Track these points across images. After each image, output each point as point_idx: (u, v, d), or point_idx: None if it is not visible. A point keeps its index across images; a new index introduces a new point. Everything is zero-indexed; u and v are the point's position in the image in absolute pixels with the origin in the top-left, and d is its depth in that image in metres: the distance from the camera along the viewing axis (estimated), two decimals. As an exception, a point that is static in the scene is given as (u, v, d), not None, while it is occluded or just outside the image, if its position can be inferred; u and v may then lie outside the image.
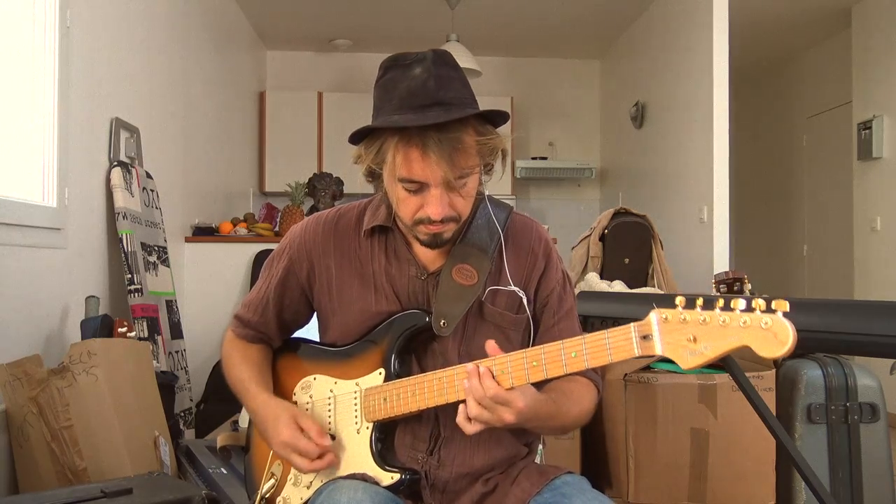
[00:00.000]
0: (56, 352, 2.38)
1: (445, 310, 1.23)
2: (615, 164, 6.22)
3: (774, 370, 2.08)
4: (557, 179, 6.46)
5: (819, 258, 5.80)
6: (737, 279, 2.08)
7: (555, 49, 6.27)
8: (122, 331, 2.34)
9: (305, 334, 1.44)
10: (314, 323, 1.41)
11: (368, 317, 1.28)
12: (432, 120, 1.12)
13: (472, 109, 1.17)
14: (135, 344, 2.36)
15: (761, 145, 6.66)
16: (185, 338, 3.42)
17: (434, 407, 1.19)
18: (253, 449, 1.42)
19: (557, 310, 1.31)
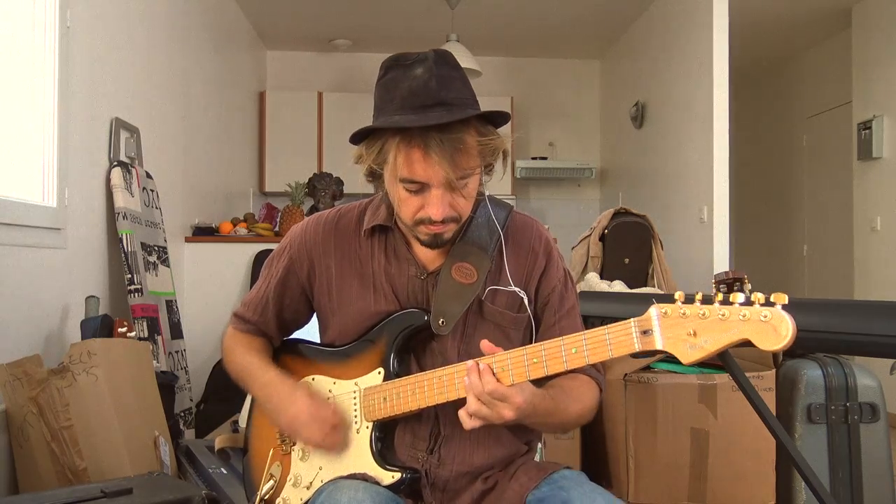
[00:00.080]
0: (56, 352, 2.38)
1: (444, 309, 1.23)
2: (615, 164, 6.21)
3: (774, 370, 2.08)
4: (557, 179, 6.46)
5: (819, 258, 5.80)
6: (737, 279, 2.08)
7: (555, 49, 6.27)
8: (122, 331, 2.34)
9: (305, 334, 1.44)
10: (314, 323, 1.41)
11: (367, 316, 1.28)
12: (434, 121, 1.12)
13: (473, 110, 1.17)
14: (135, 344, 2.36)
15: (761, 145, 6.65)
16: (185, 338, 3.42)
17: (434, 406, 1.19)
18: (252, 450, 1.41)
19: (558, 308, 1.30)
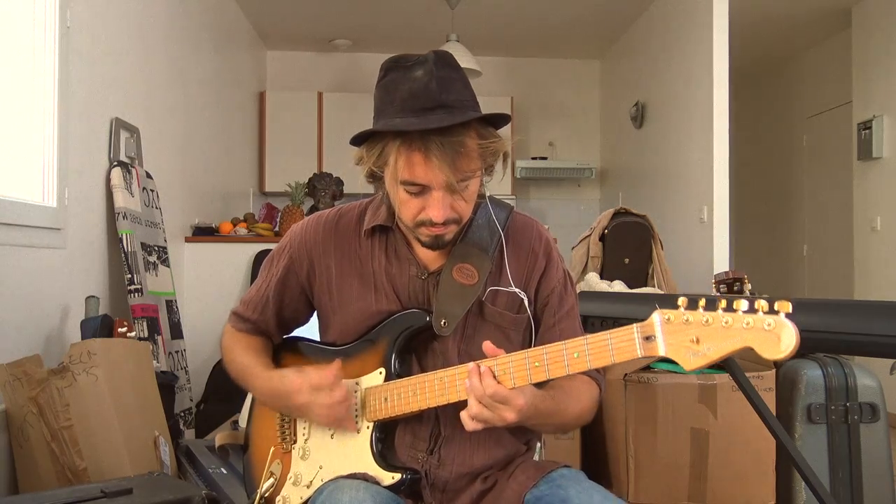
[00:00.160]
0: (56, 352, 2.38)
1: (446, 309, 1.23)
2: (615, 164, 6.21)
3: (774, 370, 2.07)
4: (557, 179, 6.45)
5: (819, 258, 5.80)
6: (737, 279, 2.08)
7: (555, 49, 6.27)
8: (122, 331, 2.34)
9: (305, 333, 1.44)
10: (314, 322, 1.41)
11: (368, 316, 1.28)
12: (435, 124, 1.11)
13: (474, 112, 1.17)
14: (135, 344, 2.35)
15: (761, 145, 6.65)
16: (185, 338, 3.42)
17: (435, 407, 1.19)
18: (252, 448, 1.41)
19: (558, 309, 1.30)
